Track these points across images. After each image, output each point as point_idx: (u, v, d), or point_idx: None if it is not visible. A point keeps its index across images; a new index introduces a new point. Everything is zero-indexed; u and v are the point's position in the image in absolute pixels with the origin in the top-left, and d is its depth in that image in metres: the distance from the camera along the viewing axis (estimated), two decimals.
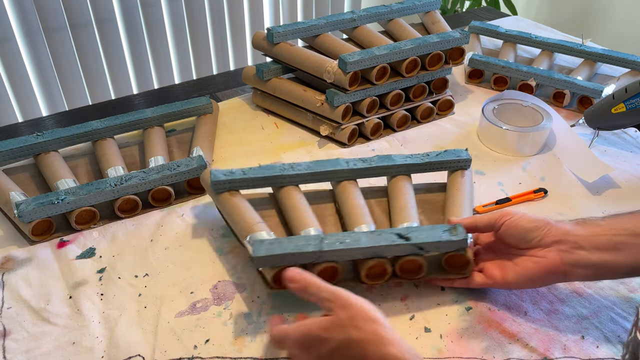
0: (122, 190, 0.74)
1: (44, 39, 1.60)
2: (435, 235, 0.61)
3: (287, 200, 0.70)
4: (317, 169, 0.72)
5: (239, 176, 0.70)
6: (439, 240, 0.60)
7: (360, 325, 0.50)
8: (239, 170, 0.71)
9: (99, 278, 0.67)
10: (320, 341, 0.50)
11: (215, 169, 0.71)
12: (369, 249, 0.60)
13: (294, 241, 0.60)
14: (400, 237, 0.60)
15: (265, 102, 0.98)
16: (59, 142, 0.82)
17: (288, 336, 0.52)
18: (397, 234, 0.61)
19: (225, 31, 1.91)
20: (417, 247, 0.60)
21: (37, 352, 0.58)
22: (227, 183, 0.70)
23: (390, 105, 0.92)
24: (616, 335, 0.60)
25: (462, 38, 0.92)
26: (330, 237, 0.60)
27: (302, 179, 0.72)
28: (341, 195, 0.72)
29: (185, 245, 0.72)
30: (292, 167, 0.72)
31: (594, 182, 0.82)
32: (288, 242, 0.60)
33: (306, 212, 0.68)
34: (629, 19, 2.03)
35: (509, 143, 0.88)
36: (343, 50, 0.92)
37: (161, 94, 1.06)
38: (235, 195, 0.70)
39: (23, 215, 0.69)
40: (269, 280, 0.60)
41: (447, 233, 0.61)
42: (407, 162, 0.74)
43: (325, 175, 0.73)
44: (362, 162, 0.74)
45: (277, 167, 0.72)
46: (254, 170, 0.71)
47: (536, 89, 1.02)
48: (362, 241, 0.60)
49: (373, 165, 0.73)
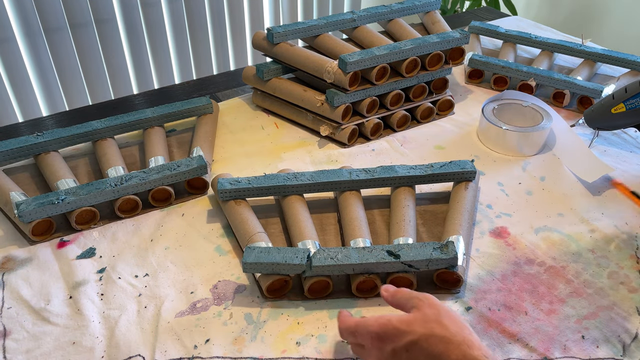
0: (122, 190, 0.74)
1: (44, 39, 1.60)
2: (426, 253, 0.62)
3: (289, 210, 0.72)
4: (320, 179, 0.74)
5: (245, 185, 0.73)
6: (428, 258, 0.62)
7: (446, 323, 0.49)
8: (244, 179, 0.74)
9: (99, 278, 0.67)
10: (400, 334, 0.50)
11: (222, 178, 0.73)
12: (359, 265, 0.61)
13: (283, 252, 0.62)
14: (390, 254, 0.62)
15: (265, 102, 0.98)
16: (59, 142, 0.82)
17: (366, 327, 0.52)
18: (388, 251, 0.62)
19: (225, 31, 1.91)
20: (407, 264, 0.62)
21: (37, 352, 0.58)
22: (232, 192, 0.72)
23: (390, 105, 0.92)
24: (616, 335, 0.60)
25: (462, 38, 0.92)
26: (321, 253, 0.62)
27: (305, 189, 0.74)
28: (342, 205, 0.74)
29: (185, 245, 0.72)
30: (295, 177, 0.74)
31: (594, 182, 0.82)
32: (277, 253, 0.62)
33: (305, 222, 0.70)
34: (629, 19, 2.03)
35: (509, 143, 0.88)
36: (343, 50, 0.92)
37: (161, 94, 1.06)
38: (240, 203, 0.72)
39: (23, 215, 0.69)
40: (264, 290, 0.63)
41: (437, 251, 0.62)
42: (410, 173, 0.75)
43: (327, 185, 0.75)
44: (365, 172, 0.75)
45: (281, 176, 0.74)
46: (259, 179, 0.73)
47: (536, 89, 1.02)
48: (352, 257, 0.62)
49: (375, 177, 0.75)
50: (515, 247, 0.71)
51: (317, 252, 0.62)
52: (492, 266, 0.68)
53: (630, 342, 0.59)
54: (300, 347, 0.59)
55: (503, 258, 0.70)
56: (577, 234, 0.74)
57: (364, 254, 0.62)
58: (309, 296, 0.64)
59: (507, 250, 0.71)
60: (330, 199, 0.78)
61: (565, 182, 0.83)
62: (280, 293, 0.64)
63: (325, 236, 0.73)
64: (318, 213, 0.75)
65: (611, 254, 0.70)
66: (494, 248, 0.71)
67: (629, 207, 0.78)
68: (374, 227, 0.74)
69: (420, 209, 0.76)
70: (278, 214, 0.76)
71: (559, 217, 0.76)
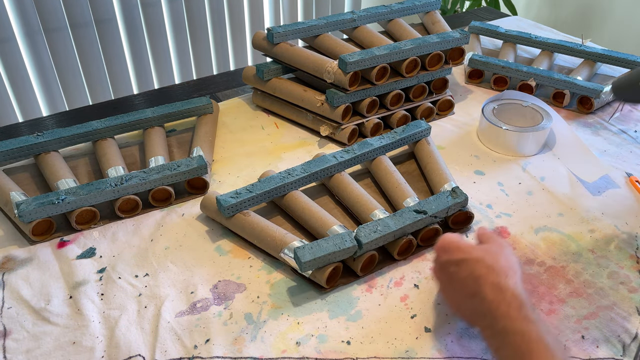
0: (123, 190, 0.74)
1: (44, 39, 1.60)
2: (443, 202, 0.70)
3: (297, 206, 0.73)
4: (311, 169, 0.77)
5: (247, 195, 0.72)
6: (447, 206, 0.70)
7: (499, 258, 0.55)
8: (243, 189, 0.73)
9: (99, 278, 0.67)
10: (458, 250, 0.57)
11: (220, 195, 0.72)
12: (399, 231, 0.67)
13: (332, 241, 0.64)
14: (419, 212, 0.68)
15: (266, 102, 0.98)
16: (59, 142, 0.82)
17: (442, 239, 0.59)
18: (415, 211, 0.69)
19: (225, 31, 1.91)
20: (433, 217, 0.69)
21: (37, 352, 0.58)
22: (238, 205, 0.71)
23: (390, 105, 0.92)
24: (616, 335, 0.60)
25: (462, 38, 0.92)
26: (364, 229, 0.66)
27: (301, 183, 0.76)
28: (339, 188, 0.77)
29: (185, 245, 0.72)
30: (289, 173, 0.76)
31: (594, 182, 0.82)
32: (326, 243, 0.64)
33: (321, 212, 0.72)
34: (629, 19, 2.03)
35: (509, 143, 0.88)
36: (343, 51, 0.92)
37: (161, 94, 1.06)
38: (248, 214, 0.71)
39: (23, 215, 0.69)
40: (323, 283, 0.64)
41: (450, 197, 0.70)
42: (383, 143, 0.81)
43: (319, 173, 0.77)
44: (346, 153, 0.80)
45: (276, 177, 0.75)
46: (257, 185, 0.74)
47: (536, 89, 1.02)
48: (391, 225, 0.66)
49: (357, 154, 0.80)
50: (515, 247, 0.71)
51: (358, 230, 0.65)
52: None
53: (630, 342, 0.59)
54: (300, 347, 0.59)
55: None
56: (577, 234, 0.74)
57: (398, 220, 0.67)
58: (362, 274, 0.67)
59: None
60: (316, 187, 0.81)
61: (565, 182, 0.83)
62: (334, 281, 0.66)
63: None
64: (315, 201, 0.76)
65: (611, 254, 0.71)
66: None
67: (629, 207, 0.78)
68: None
69: None
70: (278, 213, 0.76)
71: (559, 217, 0.76)
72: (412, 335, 0.60)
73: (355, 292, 0.65)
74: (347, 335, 0.60)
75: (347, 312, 0.63)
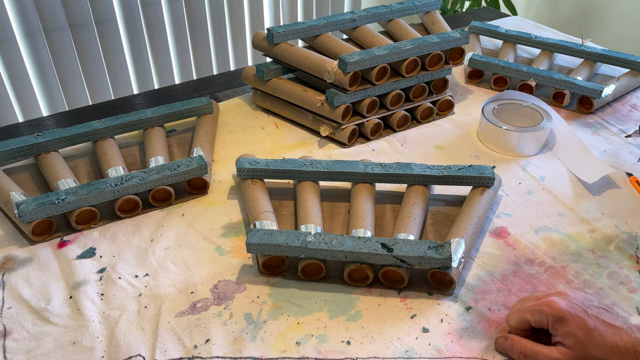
0: (123, 191, 0.74)
1: (44, 39, 1.60)
2: (420, 250, 0.62)
3: (300, 194, 0.75)
4: (335, 168, 0.76)
5: (262, 166, 0.76)
6: (422, 255, 0.62)
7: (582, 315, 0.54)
8: (263, 160, 0.78)
9: (99, 278, 0.67)
10: None
11: (243, 157, 0.77)
12: (351, 253, 0.63)
13: (285, 235, 0.64)
14: (384, 247, 0.63)
15: (266, 102, 0.98)
16: (59, 142, 0.82)
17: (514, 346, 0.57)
18: (382, 244, 0.63)
19: (225, 31, 1.91)
20: (399, 259, 0.62)
21: (37, 352, 0.58)
22: (250, 171, 0.76)
23: (390, 106, 0.92)
24: None
25: (462, 38, 0.92)
26: (317, 237, 0.64)
27: (319, 177, 0.77)
28: (353, 196, 0.75)
29: (185, 245, 0.72)
30: (312, 163, 0.77)
31: (594, 182, 0.82)
32: (279, 235, 0.64)
33: (312, 208, 0.72)
34: (629, 19, 2.03)
35: (509, 143, 0.88)
36: (343, 51, 0.92)
37: (161, 94, 1.06)
38: (256, 183, 0.75)
39: (23, 215, 0.69)
40: (260, 265, 0.66)
41: (432, 250, 0.62)
42: (426, 173, 0.75)
43: (342, 175, 0.77)
44: (381, 167, 0.76)
45: (298, 162, 0.77)
46: (277, 162, 0.77)
47: (536, 89, 1.02)
48: (346, 245, 0.63)
49: (390, 172, 0.76)
50: (515, 247, 0.71)
51: (314, 235, 0.64)
52: (492, 266, 0.69)
53: None
54: (300, 347, 0.59)
55: (503, 258, 0.70)
56: (577, 234, 0.74)
57: (358, 243, 0.63)
58: (302, 277, 0.66)
59: (507, 251, 0.71)
60: (346, 190, 0.80)
61: (565, 182, 0.83)
62: (276, 270, 0.67)
63: (332, 224, 0.74)
64: (331, 201, 0.78)
65: (611, 254, 0.71)
66: (494, 248, 0.71)
67: (629, 207, 0.78)
68: (383, 221, 0.75)
69: (434, 209, 0.76)
70: (292, 197, 0.78)
71: (559, 217, 0.76)
72: (412, 335, 0.60)
73: (355, 292, 0.65)
74: (347, 335, 0.60)
75: (347, 312, 0.63)
